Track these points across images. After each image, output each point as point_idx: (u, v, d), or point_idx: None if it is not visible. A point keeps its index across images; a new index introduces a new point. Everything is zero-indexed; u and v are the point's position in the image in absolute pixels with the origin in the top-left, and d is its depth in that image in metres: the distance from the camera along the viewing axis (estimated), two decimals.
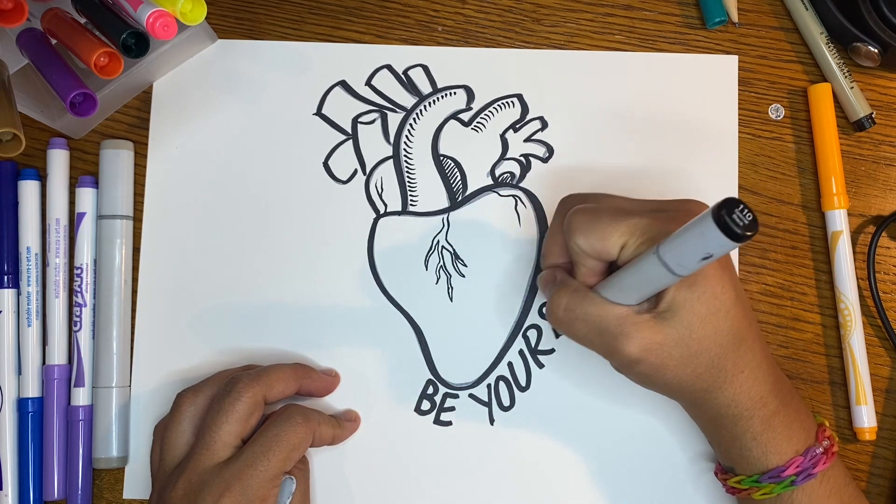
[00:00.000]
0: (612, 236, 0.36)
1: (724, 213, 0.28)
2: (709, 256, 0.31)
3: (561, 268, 0.40)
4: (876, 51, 0.46)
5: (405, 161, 0.48)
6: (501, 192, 0.48)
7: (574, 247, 0.37)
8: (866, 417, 0.45)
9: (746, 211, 0.29)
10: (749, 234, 0.28)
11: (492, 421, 0.46)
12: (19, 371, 0.46)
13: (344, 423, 0.45)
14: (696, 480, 0.45)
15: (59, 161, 0.47)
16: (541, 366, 0.46)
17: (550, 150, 0.48)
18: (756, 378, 0.38)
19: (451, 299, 0.47)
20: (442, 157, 0.48)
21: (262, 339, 0.47)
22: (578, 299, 0.37)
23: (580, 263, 0.38)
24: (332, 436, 0.43)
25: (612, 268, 0.38)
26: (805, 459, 0.37)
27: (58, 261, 0.47)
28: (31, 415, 0.45)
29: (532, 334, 0.46)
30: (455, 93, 0.49)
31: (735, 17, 0.48)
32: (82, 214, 0.47)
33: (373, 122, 0.48)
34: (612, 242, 0.36)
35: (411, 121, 0.48)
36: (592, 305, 0.37)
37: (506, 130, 0.48)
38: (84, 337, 0.46)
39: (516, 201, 0.48)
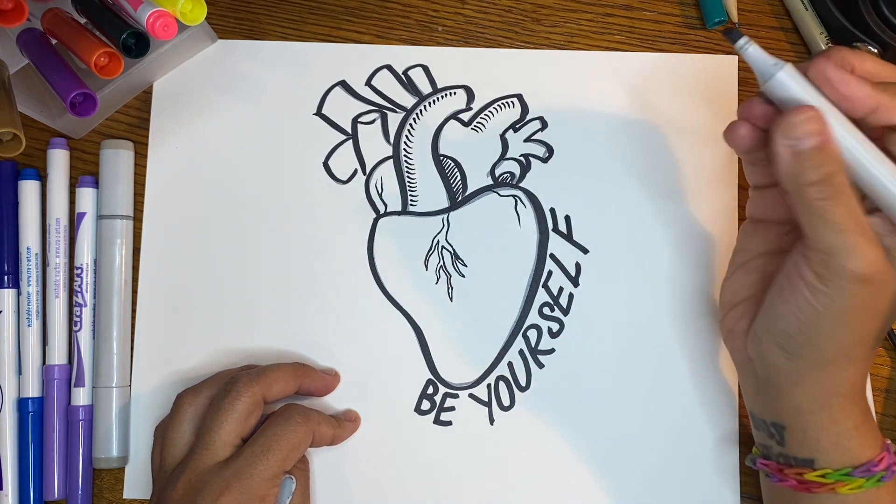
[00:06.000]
0: None
1: None
2: None
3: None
4: (876, 51, 0.46)
5: (405, 161, 0.48)
6: (501, 192, 0.48)
7: None
8: None
9: None
10: None
11: (492, 421, 0.46)
12: (19, 371, 0.46)
13: (344, 423, 0.44)
14: (698, 480, 0.45)
15: (59, 161, 0.47)
16: (541, 366, 0.46)
17: (550, 150, 0.48)
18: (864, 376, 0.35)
19: (451, 299, 0.47)
20: (442, 157, 0.48)
21: (262, 339, 0.47)
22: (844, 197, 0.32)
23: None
24: (332, 436, 0.43)
25: None
26: (890, 454, 0.36)
27: (58, 261, 0.47)
28: (31, 415, 0.45)
29: (532, 334, 0.47)
30: (455, 93, 0.49)
31: (735, 17, 0.48)
32: (82, 214, 0.47)
33: (373, 122, 0.48)
34: None
35: (411, 121, 0.48)
36: None
37: (506, 130, 0.48)
38: (84, 337, 0.46)
39: (516, 201, 0.48)
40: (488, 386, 0.46)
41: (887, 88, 0.32)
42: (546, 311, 0.47)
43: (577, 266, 0.47)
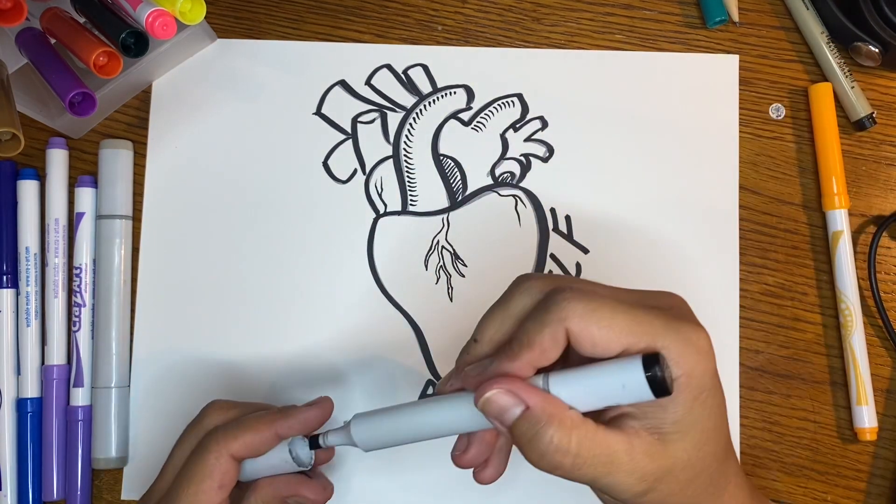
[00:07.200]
0: (621, 331, 0.29)
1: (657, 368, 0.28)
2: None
3: (507, 381, 0.30)
4: (877, 50, 0.46)
5: (405, 161, 0.48)
6: (501, 192, 0.48)
7: (553, 332, 0.29)
8: (867, 418, 0.45)
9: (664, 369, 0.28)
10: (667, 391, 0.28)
11: None
12: (18, 371, 0.46)
13: (295, 412, 0.38)
14: None
15: (58, 161, 0.47)
16: None
17: (550, 150, 0.48)
18: (739, 485, 0.34)
19: (451, 299, 0.47)
20: (442, 157, 0.48)
21: (261, 339, 0.47)
22: (588, 437, 0.31)
23: (538, 347, 0.30)
24: (267, 436, 0.37)
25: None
26: None
27: (57, 261, 0.46)
28: (30, 415, 0.45)
29: None
30: (455, 92, 0.48)
31: (735, 16, 0.48)
32: (81, 214, 0.47)
33: (372, 121, 0.48)
34: (619, 339, 0.29)
35: (411, 120, 0.48)
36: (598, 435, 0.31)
37: (506, 130, 0.48)
38: (83, 337, 0.46)
39: (516, 201, 0.48)
40: None
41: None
42: None
43: (578, 266, 0.47)
